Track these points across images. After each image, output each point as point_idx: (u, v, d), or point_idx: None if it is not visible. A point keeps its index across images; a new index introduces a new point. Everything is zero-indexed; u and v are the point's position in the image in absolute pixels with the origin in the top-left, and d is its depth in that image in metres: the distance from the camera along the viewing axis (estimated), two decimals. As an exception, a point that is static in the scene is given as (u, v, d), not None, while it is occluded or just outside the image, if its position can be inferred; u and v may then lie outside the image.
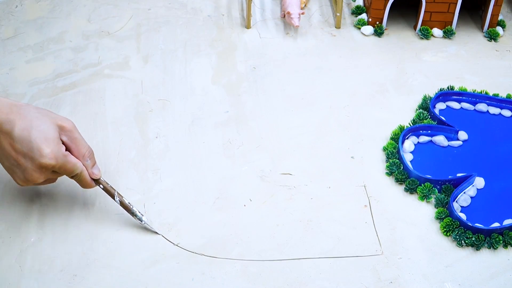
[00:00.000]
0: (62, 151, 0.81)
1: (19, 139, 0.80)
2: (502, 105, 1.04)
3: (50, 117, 0.82)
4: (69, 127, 0.83)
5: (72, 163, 0.82)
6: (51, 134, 0.81)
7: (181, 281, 0.80)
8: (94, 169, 0.85)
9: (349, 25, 1.24)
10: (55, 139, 0.81)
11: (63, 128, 0.83)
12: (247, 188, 0.91)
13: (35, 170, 0.81)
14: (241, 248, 0.84)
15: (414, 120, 1.01)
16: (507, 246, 0.84)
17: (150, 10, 1.26)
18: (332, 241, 0.85)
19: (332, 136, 1.00)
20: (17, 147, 0.80)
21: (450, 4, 1.17)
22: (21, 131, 0.80)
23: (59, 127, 0.82)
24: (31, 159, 0.80)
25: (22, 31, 1.19)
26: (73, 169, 0.83)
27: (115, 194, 0.86)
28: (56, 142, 0.81)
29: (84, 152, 0.84)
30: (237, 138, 0.99)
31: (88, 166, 0.85)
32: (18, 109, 0.81)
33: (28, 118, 0.80)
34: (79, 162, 0.83)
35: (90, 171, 0.85)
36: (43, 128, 0.80)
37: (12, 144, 0.80)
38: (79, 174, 0.84)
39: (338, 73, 1.12)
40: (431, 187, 0.90)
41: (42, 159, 0.80)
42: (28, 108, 0.82)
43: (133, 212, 0.85)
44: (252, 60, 1.14)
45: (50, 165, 0.80)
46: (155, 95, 1.06)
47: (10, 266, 0.81)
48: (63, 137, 0.83)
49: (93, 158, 0.85)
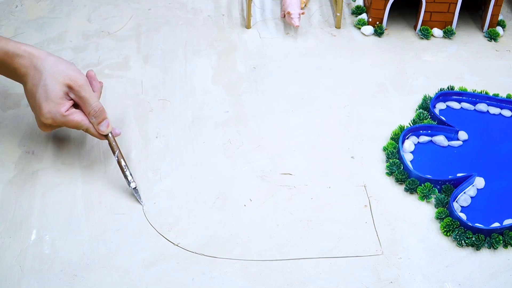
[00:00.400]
0: (61, 112, 0.87)
1: (29, 94, 0.89)
2: (502, 105, 1.04)
3: (62, 75, 0.87)
4: (76, 87, 0.88)
5: (75, 122, 0.88)
6: (54, 94, 0.86)
7: (181, 281, 0.80)
8: (101, 126, 0.90)
9: (349, 25, 1.24)
10: (56, 99, 0.86)
11: (71, 87, 0.87)
12: (247, 188, 0.91)
13: (40, 124, 0.90)
14: (241, 248, 0.84)
15: (414, 120, 1.01)
16: (507, 246, 0.84)
17: (150, 10, 1.26)
18: (332, 241, 0.85)
19: (332, 136, 1.00)
20: (29, 99, 0.89)
21: (450, 4, 1.17)
22: (30, 87, 0.88)
23: (67, 86, 0.87)
24: (35, 114, 0.89)
25: (22, 31, 1.19)
26: (77, 126, 0.89)
27: (116, 153, 0.90)
28: (57, 102, 0.87)
29: (89, 110, 0.89)
30: (237, 138, 0.99)
31: (94, 123, 0.89)
32: (37, 62, 0.87)
33: (39, 75, 0.87)
34: (85, 119, 0.89)
35: (96, 127, 0.90)
36: (48, 87, 0.86)
37: (27, 95, 0.90)
38: (85, 130, 0.90)
39: (338, 73, 1.12)
40: (431, 187, 0.90)
41: (41, 117, 0.87)
42: (46, 62, 0.88)
43: (125, 176, 0.89)
44: (252, 60, 1.14)
45: (48, 123, 0.88)
46: (155, 95, 1.06)
47: (10, 266, 0.81)
48: (71, 95, 0.88)
49: (99, 116, 0.89)
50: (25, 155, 0.95)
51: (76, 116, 0.88)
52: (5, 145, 0.96)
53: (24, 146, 0.96)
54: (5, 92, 1.06)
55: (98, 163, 0.94)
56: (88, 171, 0.93)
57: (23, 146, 0.96)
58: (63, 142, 0.97)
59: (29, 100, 0.90)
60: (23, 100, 1.04)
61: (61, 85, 0.87)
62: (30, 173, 0.92)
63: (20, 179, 0.91)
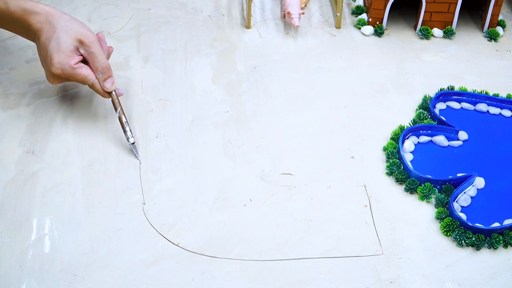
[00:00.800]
0: (70, 63, 0.93)
1: (42, 47, 0.94)
2: (502, 105, 1.04)
3: (74, 31, 0.93)
4: (87, 42, 0.93)
5: (82, 75, 0.94)
6: (65, 46, 0.92)
7: (181, 281, 0.80)
8: (106, 83, 0.95)
9: (349, 25, 1.24)
10: (67, 52, 0.92)
11: (82, 42, 0.93)
12: (247, 188, 0.91)
13: (49, 75, 0.95)
14: (241, 248, 0.84)
15: (414, 120, 1.01)
16: (507, 246, 0.84)
17: (150, 10, 1.26)
18: (332, 241, 0.85)
19: (332, 136, 1.00)
20: (41, 52, 0.95)
21: (450, 4, 1.17)
22: (44, 40, 0.93)
23: (78, 41, 0.93)
24: (46, 65, 0.95)
25: (22, 31, 1.19)
26: (84, 81, 0.95)
27: (118, 109, 0.96)
28: (68, 54, 0.93)
29: (97, 66, 0.94)
30: (237, 138, 0.99)
31: (100, 79, 0.95)
32: (52, 18, 0.94)
33: (53, 30, 0.93)
34: (91, 74, 0.94)
35: (101, 83, 0.95)
36: (61, 40, 0.92)
37: (39, 49, 0.96)
38: (91, 85, 0.95)
39: (338, 73, 1.12)
40: (431, 187, 0.90)
41: (51, 67, 0.93)
42: (60, 19, 0.94)
43: (125, 131, 0.95)
44: (252, 60, 1.14)
45: (57, 73, 0.93)
46: (155, 95, 1.06)
47: (10, 266, 0.81)
48: (81, 50, 0.94)
49: (106, 73, 0.95)
50: (25, 155, 0.95)
51: (84, 70, 0.94)
52: (5, 145, 0.96)
53: (24, 146, 0.96)
54: (5, 92, 1.06)
55: (98, 163, 0.94)
56: (88, 171, 0.93)
57: (23, 146, 0.96)
58: (63, 142, 0.97)
59: (40, 53, 0.96)
60: (23, 100, 1.04)
61: (73, 39, 0.93)
62: (30, 173, 0.92)
63: (20, 179, 0.91)
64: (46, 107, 1.03)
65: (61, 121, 1.01)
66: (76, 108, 1.03)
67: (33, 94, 1.05)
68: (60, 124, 1.00)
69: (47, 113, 1.02)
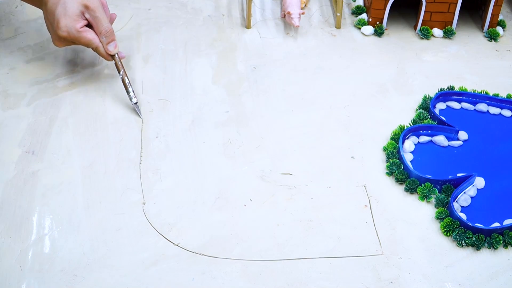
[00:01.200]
0: (76, 27, 0.98)
1: (49, 11, 0.99)
2: (502, 105, 1.04)
3: None
4: (92, 7, 0.99)
5: (87, 39, 0.99)
6: (71, 11, 0.97)
7: (181, 281, 0.80)
8: (109, 46, 1.01)
9: (349, 25, 1.24)
10: (73, 16, 0.98)
11: (87, 7, 0.99)
12: (247, 188, 0.91)
13: (55, 38, 1.00)
14: (241, 248, 0.84)
15: (414, 120, 1.01)
16: (507, 246, 0.84)
17: (151, 10, 1.26)
18: (332, 241, 0.85)
19: (332, 136, 1.00)
20: (48, 17, 1.00)
21: (450, 4, 1.17)
22: (51, 5, 0.99)
23: (83, 6, 0.98)
24: (53, 29, 0.99)
25: (22, 31, 1.19)
26: (88, 44, 1.00)
27: (121, 71, 1.02)
28: (74, 18, 0.98)
29: (101, 30, 1.00)
30: (237, 138, 0.99)
31: (104, 43, 1.00)
32: None
33: None
34: (96, 38, 1.00)
35: (105, 47, 1.01)
36: (67, 5, 0.97)
37: (46, 14, 1.00)
38: (95, 49, 1.01)
39: (338, 73, 1.12)
40: (431, 187, 0.90)
41: (58, 30, 0.98)
42: None
43: (128, 91, 1.01)
44: (252, 60, 1.14)
45: (63, 36, 0.98)
46: (155, 95, 1.06)
47: (10, 266, 0.81)
48: (87, 15, 0.99)
49: (109, 36, 1.00)
50: (25, 155, 0.95)
51: (88, 34, 0.99)
52: (5, 145, 0.96)
53: (24, 146, 0.96)
54: (5, 92, 1.06)
55: (98, 163, 0.94)
56: (88, 171, 0.93)
57: (23, 146, 0.96)
58: (63, 142, 0.97)
59: (47, 18, 1.00)
60: (23, 100, 1.04)
61: (79, 4, 0.98)
62: (30, 173, 0.92)
63: (20, 179, 0.91)
64: (46, 107, 1.03)
65: (61, 121, 1.01)
66: (76, 108, 1.03)
67: (33, 94, 1.05)
68: (60, 124, 1.00)
69: (47, 113, 1.02)
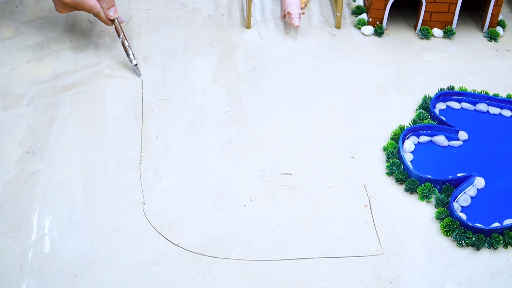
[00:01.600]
0: None
1: None
2: (502, 105, 1.04)
3: None
4: None
5: (90, 4, 1.06)
6: None
7: (181, 281, 0.80)
8: (110, 11, 1.08)
9: (349, 25, 1.24)
10: None
11: None
12: (247, 188, 0.91)
13: (58, 5, 1.07)
14: (241, 248, 0.84)
15: (414, 120, 1.01)
16: (507, 246, 0.84)
17: (151, 10, 1.26)
18: (332, 241, 0.85)
19: (332, 136, 1.00)
20: None
21: (450, 4, 1.17)
22: None
23: None
24: None
25: (22, 31, 1.19)
26: (90, 9, 1.07)
27: (121, 35, 1.09)
28: None
29: None
30: (237, 138, 0.99)
31: (104, 8, 1.07)
32: None
33: None
34: (97, 4, 1.07)
35: (106, 12, 1.08)
36: None
37: None
38: (96, 14, 1.08)
39: (338, 73, 1.12)
40: (431, 187, 0.90)
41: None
42: None
43: (128, 54, 1.08)
44: (252, 60, 1.14)
45: (66, 2, 1.05)
46: (155, 95, 1.06)
47: (10, 266, 0.81)
48: None
49: (110, 2, 1.07)
50: (25, 155, 0.95)
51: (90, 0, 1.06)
52: (5, 145, 0.96)
53: (24, 146, 0.96)
54: (5, 92, 1.06)
55: (98, 163, 0.94)
56: (88, 171, 0.93)
57: (23, 146, 0.96)
58: (63, 142, 0.97)
59: None
60: (23, 100, 1.04)
61: None
62: (30, 173, 0.92)
63: (20, 179, 0.91)
64: (46, 107, 1.03)
65: (61, 121, 1.01)
66: (76, 108, 1.03)
67: (33, 94, 1.05)
68: (60, 124, 1.00)
69: (47, 113, 1.02)
